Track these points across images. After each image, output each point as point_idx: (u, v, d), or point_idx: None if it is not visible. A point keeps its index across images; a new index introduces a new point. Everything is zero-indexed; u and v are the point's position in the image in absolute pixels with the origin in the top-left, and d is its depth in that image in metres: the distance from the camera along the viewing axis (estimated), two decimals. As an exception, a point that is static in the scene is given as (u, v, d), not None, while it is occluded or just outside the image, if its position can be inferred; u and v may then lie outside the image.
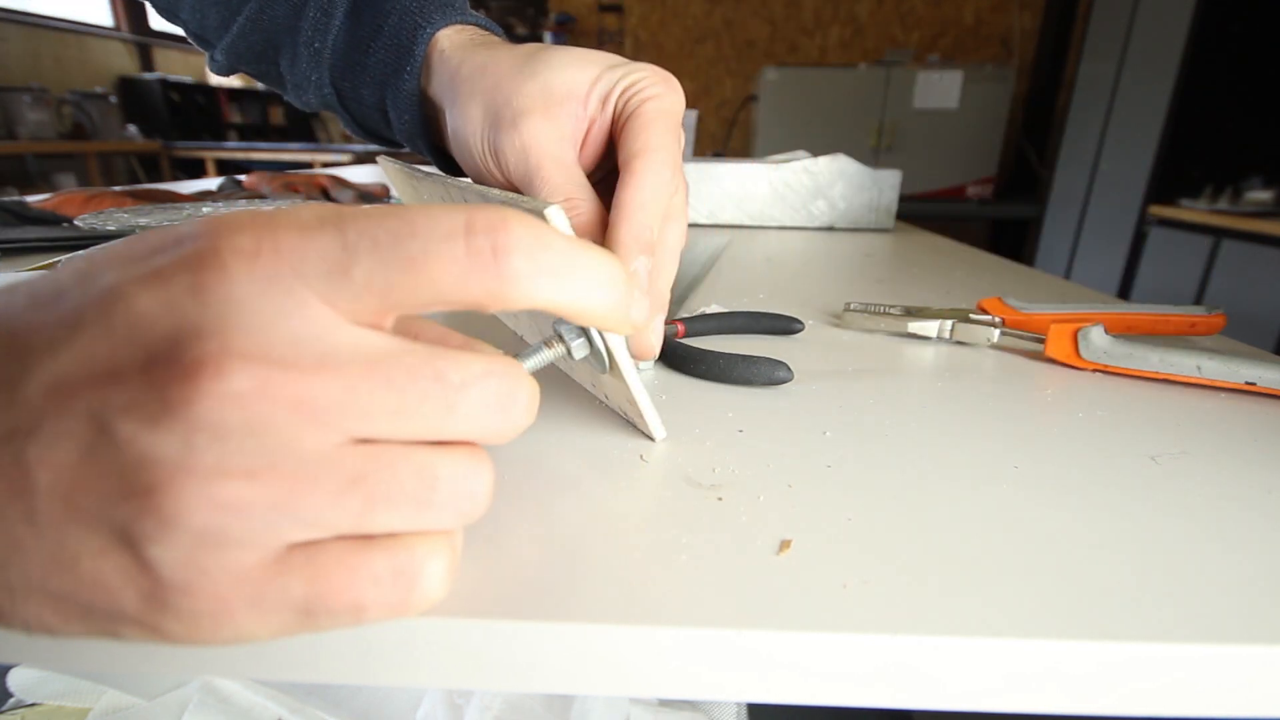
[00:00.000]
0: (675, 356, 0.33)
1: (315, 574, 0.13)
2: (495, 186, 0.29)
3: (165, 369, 0.12)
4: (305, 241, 0.13)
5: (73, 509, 0.12)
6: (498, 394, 0.14)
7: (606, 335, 0.22)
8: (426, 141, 0.33)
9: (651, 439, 0.26)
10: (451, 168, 0.34)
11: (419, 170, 0.30)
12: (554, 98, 0.27)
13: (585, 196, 0.26)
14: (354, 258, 0.13)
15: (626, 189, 0.24)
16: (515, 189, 0.28)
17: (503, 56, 0.28)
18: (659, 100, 0.26)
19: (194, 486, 0.12)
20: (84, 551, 0.12)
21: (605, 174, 0.29)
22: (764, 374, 0.31)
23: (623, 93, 0.27)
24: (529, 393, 0.15)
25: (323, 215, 0.13)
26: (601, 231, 0.25)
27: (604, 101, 0.27)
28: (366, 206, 0.14)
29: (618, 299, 0.16)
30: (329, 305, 0.13)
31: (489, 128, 0.27)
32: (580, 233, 0.25)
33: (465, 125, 0.28)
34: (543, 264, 0.14)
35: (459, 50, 0.30)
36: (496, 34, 0.32)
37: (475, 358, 0.14)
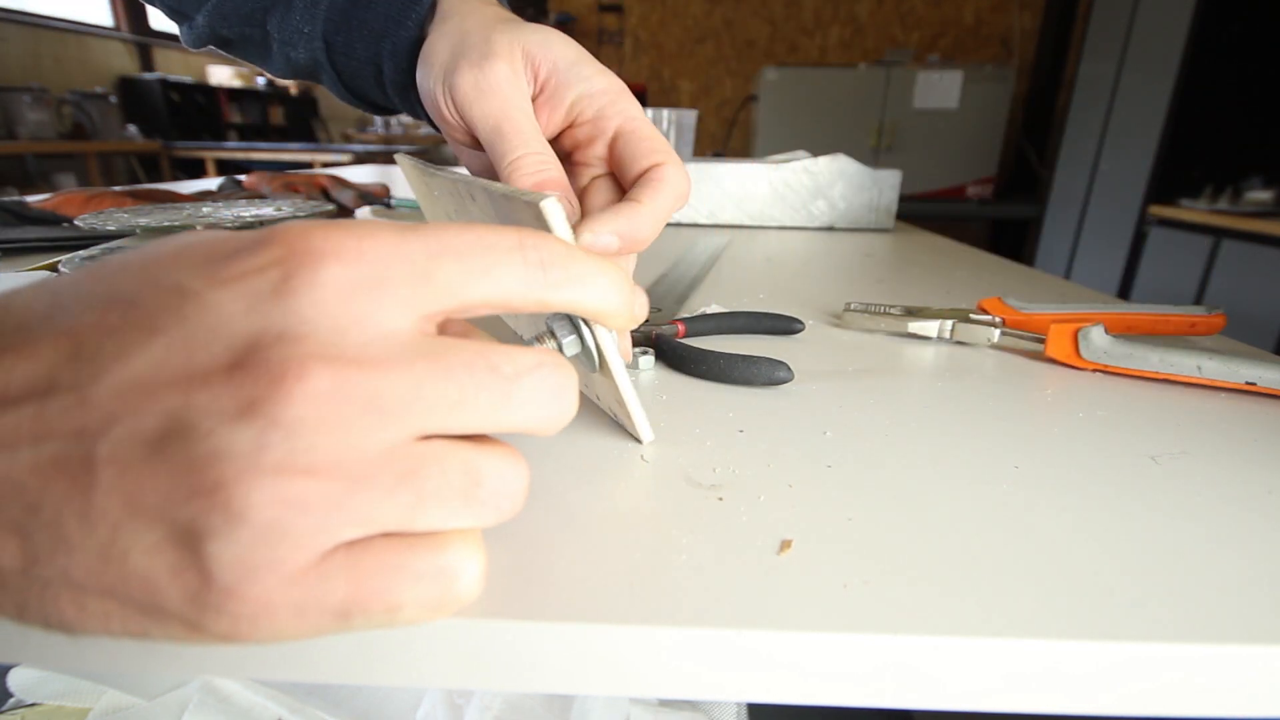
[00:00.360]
0: (675, 356, 0.33)
1: (358, 574, 0.13)
2: (446, 125, 0.30)
3: (250, 371, 0.12)
4: (392, 249, 0.14)
5: (132, 506, 0.12)
6: (549, 383, 0.15)
7: (597, 334, 0.22)
8: (418, 96, 0.33)
9: (639, 441, 0.26)
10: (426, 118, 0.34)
11: (430, 167, 0.30)
12: (520, 55, 0.27)
13: (550, 154, 0.27)
14: (439, 264, 0.14)
15: (653, 187, 0.26)
16: (467, 128, 0.28)
17: (488, 11, 0.29)
18: (641, 114, 0.28)
19: (262, 482, 0.12)
20: (135, 548, 0.12)
21: None
22: (764, 374, 0.31)
23: (587, 96, 0.28)
24: (575, 382, 0.16)
25: (398, 228, 0.14)
26: (569, 192, 0.26)
27: (560, 88, 0.28)
28: (420, 224, 0.15)
29: (625, 299, 0.18)
30: (403, 307, 0.14)
31: (450, 62, 0.28)
32: (550, 188, 0.26)
33: (429, 60, 0.29)
34: (572, 273, 0.16)
35: (455, 1, 0.31)
36: None
37: (524, 350, 0.15)
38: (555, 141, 0.30)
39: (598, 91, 0.28)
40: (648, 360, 0.34)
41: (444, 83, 0.28)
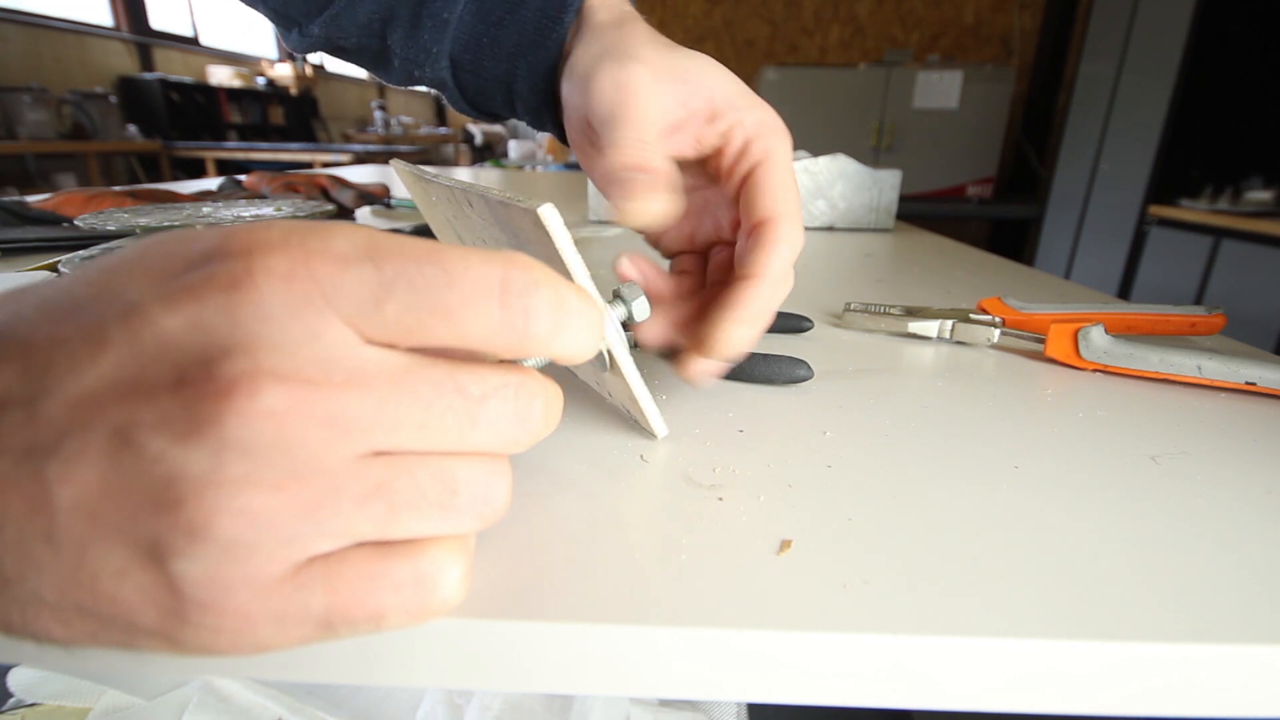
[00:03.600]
0: None
1: (336, 584, 0.13)
2: (578, 134, 0.29)
3: (197, 387, 0.12)
4: (341, 271, 0.13)
5: (95, 526, 0.12)
6: (516, 405, 0.15)
7: (607, 335, 0.22)
8: (551, 113, 0.33)
9: (654, 436, 0.26)
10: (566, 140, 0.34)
11: (426, 173, 0.30)
12: (670, 73, 0.27)
13: (657, 146, 0.25)
14: (390, 294, 0.13)
15: (764, 251, 0.25)
16: (587, 130, 0.28)
17: (645, 29, 0.29)
18: (783, 156, 0.27)
19: (222, 498, 0.12)
20: (103, 570, 0.12)
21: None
22: (785, 373, 0.31)
23: (739, 125, 0.27)
24: (546, 401, 0.15)
25: (359, 246, 0.13)
26: (671, 181, 0.25)
27: (713, 118, 0.27)
28: (397, 239, 0.14)
29: (594, 345, 0.17)
30: (353, 328, 0.13)
31: (597, 60, 0.27)
32: (644, 171, 0.24)
33: (578, 62, 0.28)
34: (558, 324, 0.15)
35: (608, 11, 0.30)
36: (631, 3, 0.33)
37: (493, 369, 0.15)
38: (702, 164, 0.29)
39: (751, 123, 0.27)
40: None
41: (583, 83, 0.27)
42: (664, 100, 0.27)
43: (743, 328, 0.25)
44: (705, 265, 0.31)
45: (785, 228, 0.26)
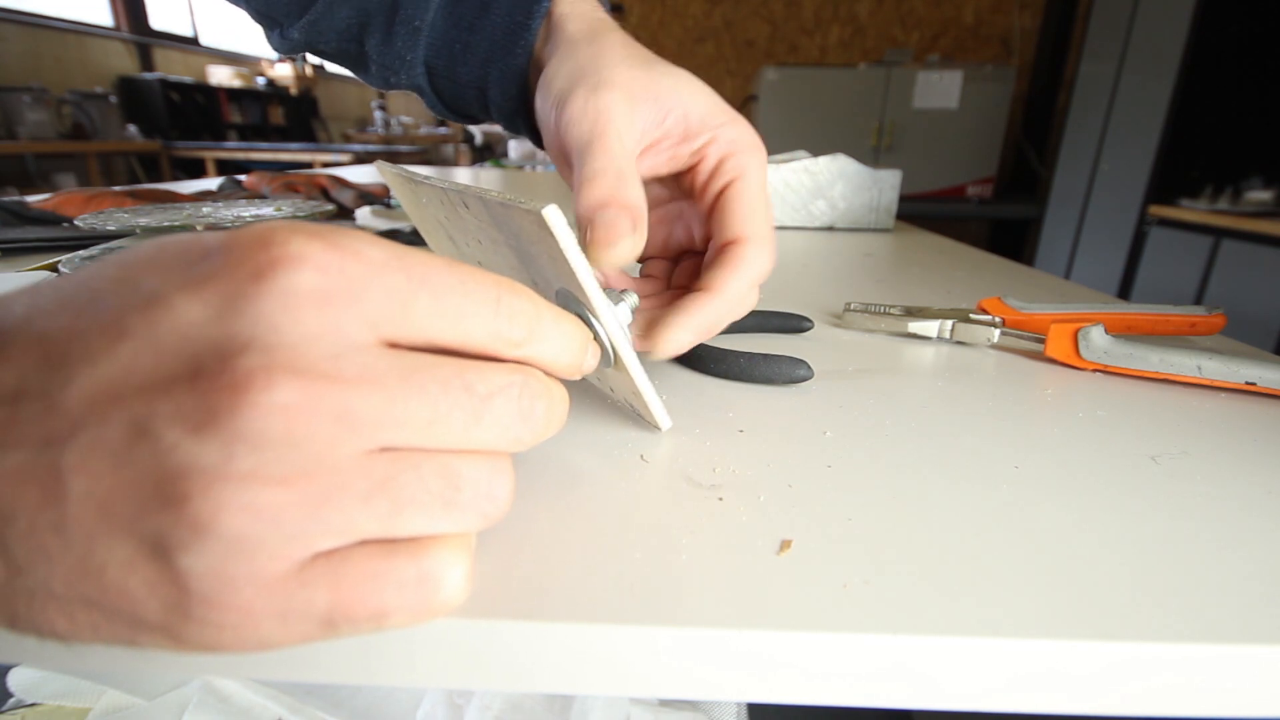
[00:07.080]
0: (695, 356, 0.33)
1: (340, 582, 0.13)
2: (553, 149, 0.29)
3: (213, 380, 0.12)
4: (375, 274, 0.13)
5: (105, 517, 0.12)
6: (520, 404, 0.15)
7: (610, 331, 0.22)
8: (525, 120, 0.33)
9: (658, 429, 0.26)
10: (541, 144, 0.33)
11: (416, 174, 0.30)
12: (645, 93, 0.27)
13: (632, 181, 0.25)
14: (417, 298, 0.14)
15: (727, 270, 0.26)
16: (565, 154, 0.27)
17: (619, 43, 0.28)
18: (757, 174, 0.27)
19: (228, 493, 0.12)
20: (111, 561, 0.12)
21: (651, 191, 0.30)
22: (785, 372, 0.31)
23: (715, 142, 0.27)
24: (549, 401, 0.16)
25: (389, 250, 0.14)
26: (640, 218, 0.24)
27: (688, 137, 0.28)
28: (410, 249, 0.14)
29: (576, 358, 0.18)
30: (370, 329, 0.13)
31: (569, 85, 0.27)
32: (621, 209, 0.24)
33: (548, 86, 0.28)
34: (534, 333, 0.16)
35: (582, 20, 0.30)
36: (604, 3, 0.32)
37: (499, 368, 0.15)
38: (677, 179, 0.29)
39: (726, 140, 0.27)
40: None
41: (557, 107, 0.27)
42: (638, 122, 0.27)
43: (686, 333, 0.26)
44: (673, 270, 0.32)
45: (752, 251, 0.27)
